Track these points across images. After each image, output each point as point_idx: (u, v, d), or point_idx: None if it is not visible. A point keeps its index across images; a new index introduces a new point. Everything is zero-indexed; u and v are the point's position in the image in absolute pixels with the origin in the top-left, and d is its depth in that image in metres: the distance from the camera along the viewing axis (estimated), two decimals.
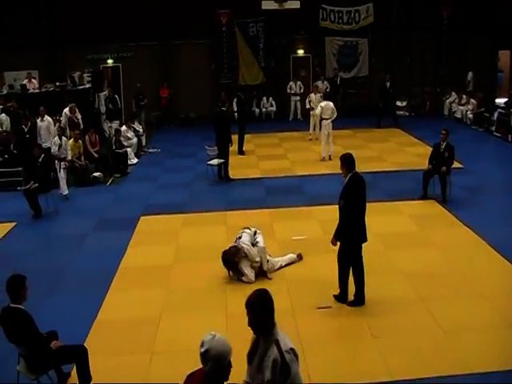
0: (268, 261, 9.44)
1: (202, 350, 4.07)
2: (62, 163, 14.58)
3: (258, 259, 9.29)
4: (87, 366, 6.45)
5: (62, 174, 14.55)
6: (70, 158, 14.96)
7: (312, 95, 20.44)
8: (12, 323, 6.18)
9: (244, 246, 9.31)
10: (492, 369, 6.71)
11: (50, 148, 16.08)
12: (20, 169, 14.61)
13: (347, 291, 8.40)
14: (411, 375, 6.65)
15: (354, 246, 8.22)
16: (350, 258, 8.27)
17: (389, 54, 25.00)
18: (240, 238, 9.49)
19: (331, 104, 17.76)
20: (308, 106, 20.77)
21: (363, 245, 8.22)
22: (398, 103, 24.02)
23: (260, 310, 4.34)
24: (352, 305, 8.33)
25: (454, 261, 9.83)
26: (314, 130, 20.12)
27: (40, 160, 13.21)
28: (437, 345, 7.29)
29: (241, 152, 18.61)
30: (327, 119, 17.19)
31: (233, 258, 9.24)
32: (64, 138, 15.00)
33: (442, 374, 6.63)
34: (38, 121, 16.18)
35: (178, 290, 9.20)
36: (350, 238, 8.20)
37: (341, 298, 8.42)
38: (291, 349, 4.30)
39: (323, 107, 17.36)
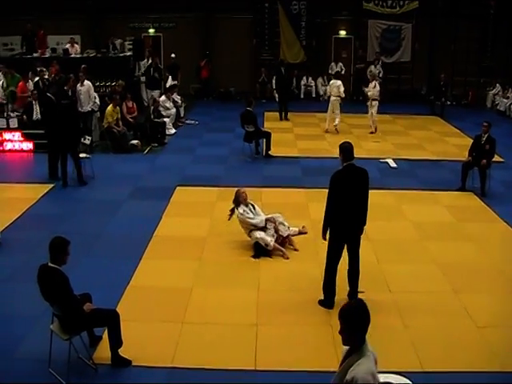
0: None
1: None
2: None
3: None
4: (119, 331, 6.52)
5: None
6: None
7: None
8: (48, 282, 6.25)
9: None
10: None
11: (88, 112, 16.24)
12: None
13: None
14: (442, 368, 6.57)
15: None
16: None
17: (432, 41, 24.51)
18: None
19: (339, 82, 18.43)
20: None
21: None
22: None
23: (352, 323, 4.12)
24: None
25: (491, 255, 9.67)
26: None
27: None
28: (469, 339, 7.19)
29: (285, 118, 20.34)
30: (335, 97, 18.22)
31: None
32: None
33: (474, 370, 6.52)
34: (78, 85, 16.16)
35: (211, 262, 9.24)
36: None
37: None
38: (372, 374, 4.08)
39: (330, 85, 18.66)
